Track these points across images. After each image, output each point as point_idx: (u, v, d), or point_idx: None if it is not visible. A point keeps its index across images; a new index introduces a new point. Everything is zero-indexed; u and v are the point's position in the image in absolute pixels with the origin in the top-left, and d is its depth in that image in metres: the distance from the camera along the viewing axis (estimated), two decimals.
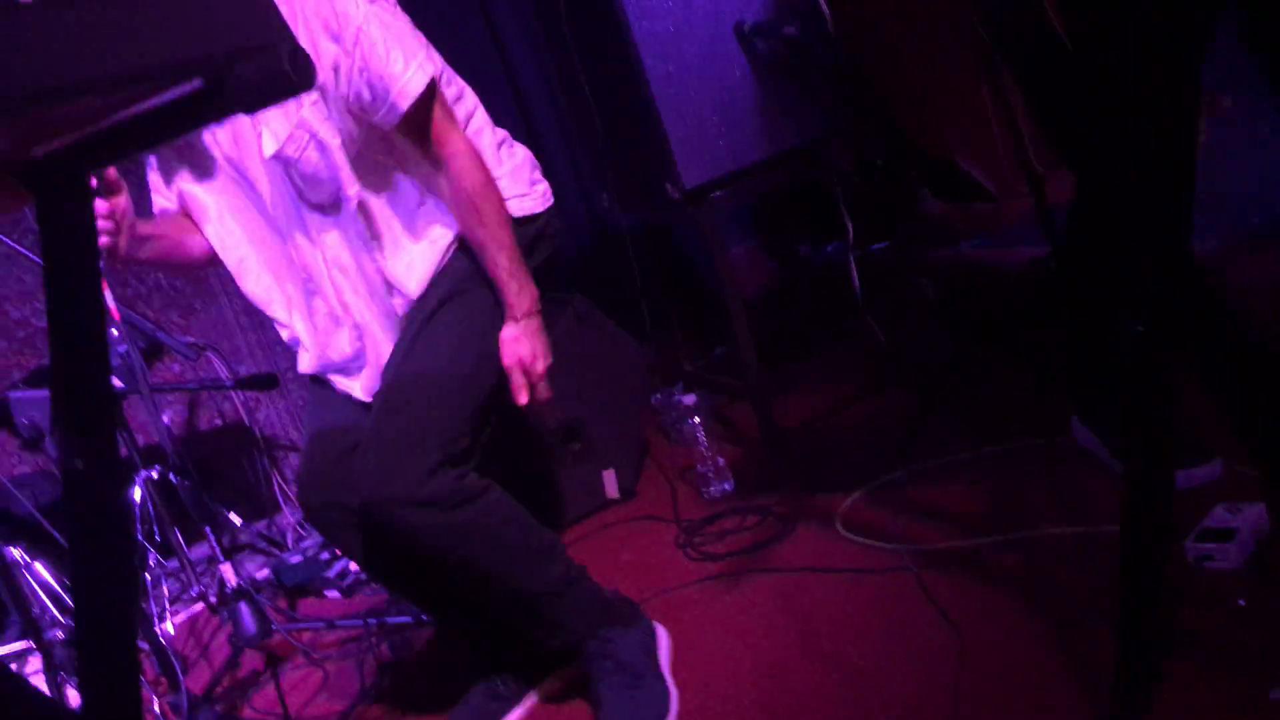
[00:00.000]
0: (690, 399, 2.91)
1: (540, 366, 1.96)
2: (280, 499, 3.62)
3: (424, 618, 2.58)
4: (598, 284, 3.41)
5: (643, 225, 3.28)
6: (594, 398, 2.96)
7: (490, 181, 1.95)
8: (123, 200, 1.83)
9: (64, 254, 1.07)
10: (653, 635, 2.06)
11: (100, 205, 1.79)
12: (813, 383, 3.25)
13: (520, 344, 1.95)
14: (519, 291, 1.96)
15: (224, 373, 3.49)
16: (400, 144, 1.94)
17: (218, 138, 1.96)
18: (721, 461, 2.79)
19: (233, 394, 3.62)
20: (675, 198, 2.71)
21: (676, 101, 2.65)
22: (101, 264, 1.73)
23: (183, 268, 2.24)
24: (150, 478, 2.88)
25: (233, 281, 2.08)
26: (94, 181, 1.72)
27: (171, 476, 2.91)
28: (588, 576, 2.02)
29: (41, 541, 2.67)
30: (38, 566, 2.31)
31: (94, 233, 1.07)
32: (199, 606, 3.15)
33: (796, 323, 3.73)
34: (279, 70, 1.01)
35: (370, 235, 1.97)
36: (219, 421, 3.77)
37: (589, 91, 2.87)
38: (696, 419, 2.85)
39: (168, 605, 3.01)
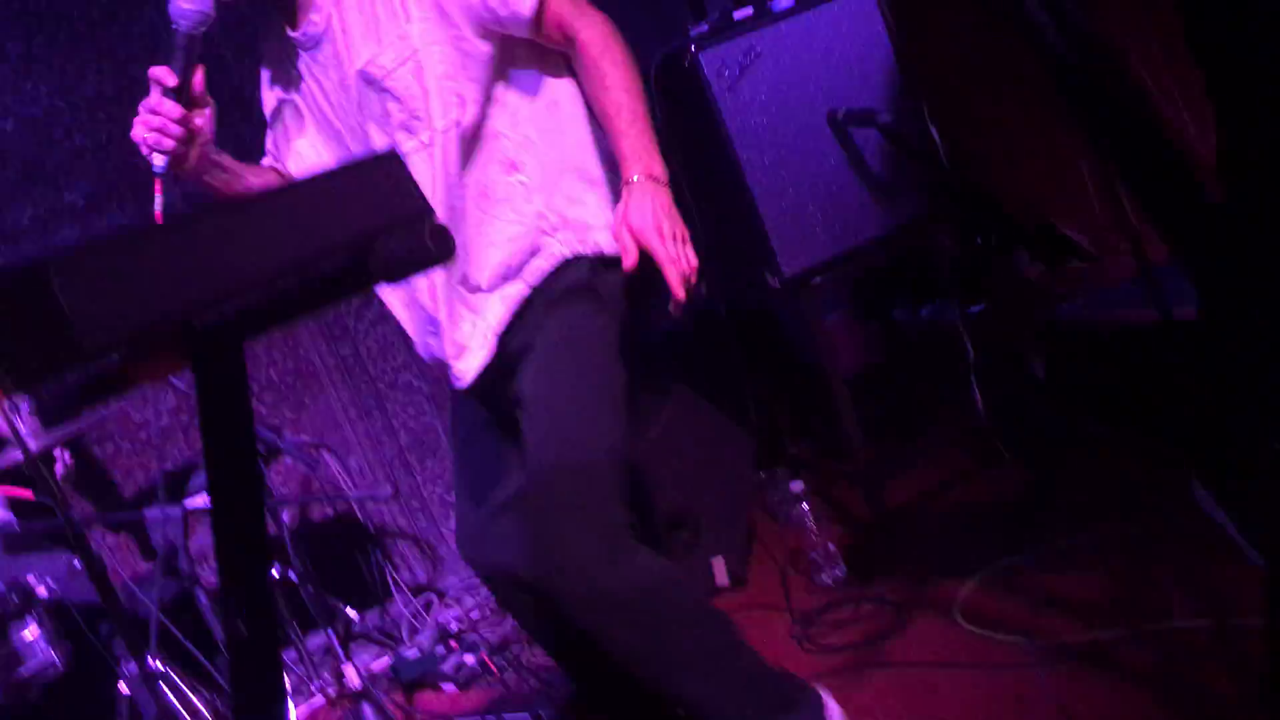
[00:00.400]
0: (797, 484, 2.91)
1: (685, 233, 1.81)
2: (393, 588, 3.68)
3: (542, 713, 2.60)
4: (696, 369, 3.44)
5: (740, 308, 3.31)
6: (700, 485, 2.98)
7: (630, 54, 1.87)
8: (206, 115, 1.77)
9: (220, 419, 1.13)
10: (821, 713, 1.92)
11: (173, 109, 1.70)
12: (920, 459, 3.22)
13: (661, 208, 1.77)
14: (654, 153, 1.82)
15: (336, 467, 3.58)
16: (513, 93, 1.90)
17: (330, 99, 1.94)
18: (831, 547, 2.78)
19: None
20: (775, 286, 2.74)
21: (773, 191, 2.68)
22: (162, 166, 1.69)
23: None
24: (270, 576, 2.96)
25: (339, 371, 2.10)
26: (172, 80, 1.68)
27: (290, 574, 2.98)
28: (754, 653, 1.90)
29: (169, 645, 2.76)
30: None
31: (248, 398, 1.13)
32: (319, 700, 3.21)
33: (899, 397, 3.71)
34: (421, 244, 1.06)
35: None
36: (331, 513, 3.86)
37: (686, 182, 2.91)
38: (805, 505, 2.84)
39: (289, 698, 3.07)
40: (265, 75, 2.03)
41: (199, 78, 1.73)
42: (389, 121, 1.86)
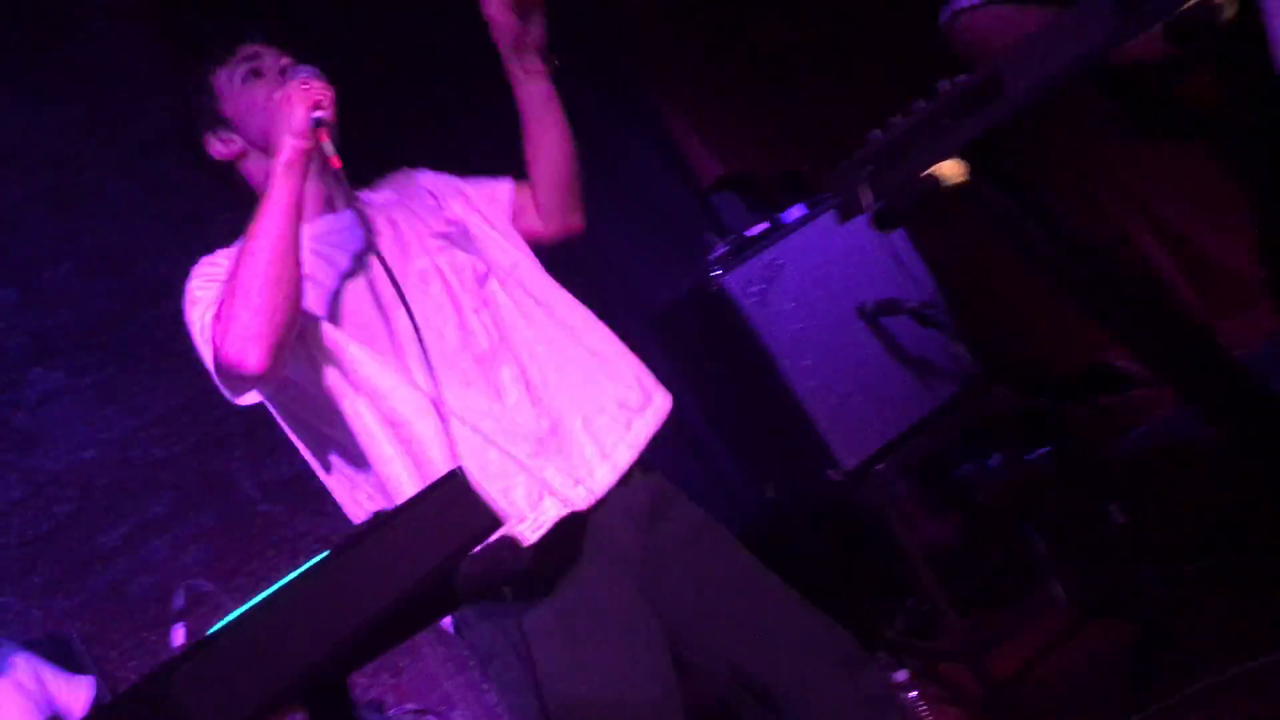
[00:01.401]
0: (901, 674, 2.86)
1: None
2: None
3: None
4: (777, 569, 3.45)
5: (809, 506, 3.33)
6: None
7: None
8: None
9: None
10: None
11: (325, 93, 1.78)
12: (1017, 625, 3.16)
13: None
14: None
15: None
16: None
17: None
18: None
19: None
20: (838, 480, 2.77)
21: (819, 390, 2.75)
22: (328, 114, 1.73)
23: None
24: None
25: (432, 630, 2.05)
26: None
27: None
28: None
29: None
30: None
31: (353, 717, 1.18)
32: None
33: (982, 562, 3.66)
34: (498, 560, 1.13)
35: None
36: None
37: (734, 397, 3.00)
38: (914, 693, 2.79)
39: None
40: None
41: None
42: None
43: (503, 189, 2.12)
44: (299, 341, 1.76)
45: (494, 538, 1.13)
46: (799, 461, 2.92)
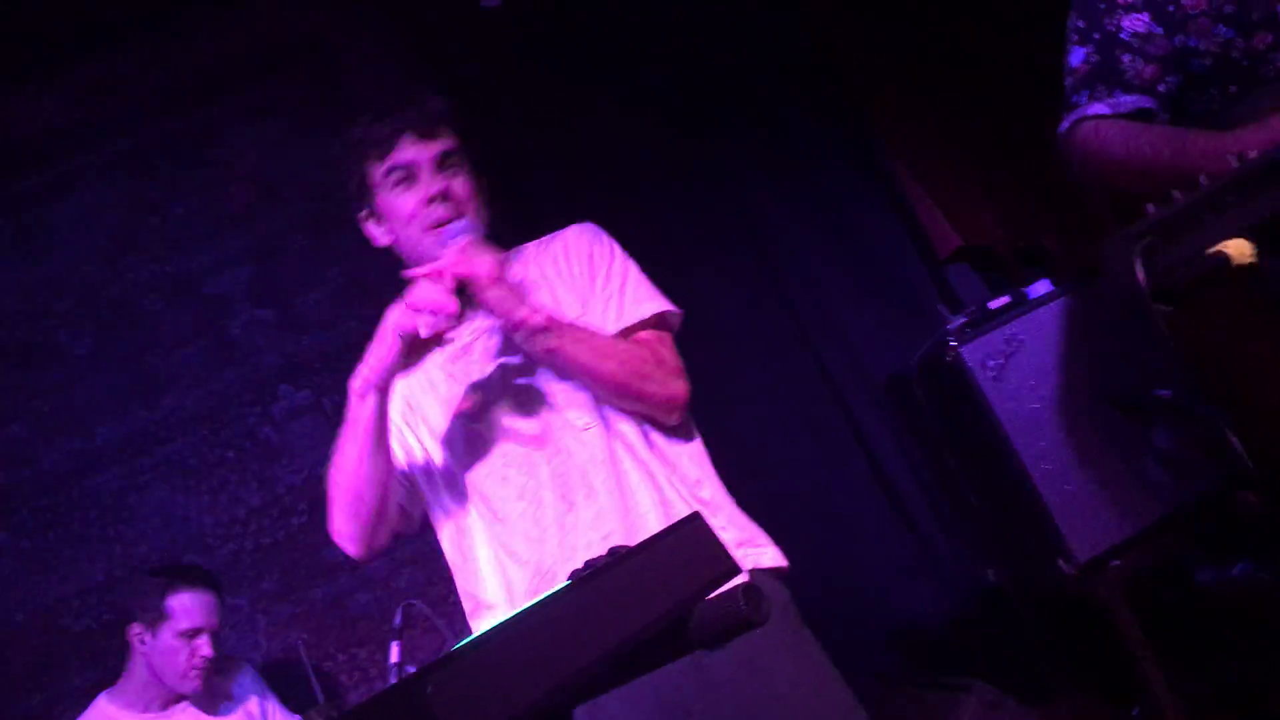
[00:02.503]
0: None
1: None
2: None
3: None
4: (992, 661, 3.30)
5: (1033, 594, 3.18)
6: None
7: None
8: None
9: None
10: None
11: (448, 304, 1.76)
12: None
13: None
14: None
15: None
16: None
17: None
18: None
19: None
20: (1070, 572, 2.63)
21: (1055, 475, 2.62)
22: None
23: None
24: None
25: None
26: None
27: None
28: None
29: None
30: None
31: None
32: None
33: (1222, 668, 3.40)
34: (735, 608, 1.12)
35: None
36: None
37: (963, 474, 2.90)
38: None
39: None
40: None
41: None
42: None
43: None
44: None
45: (731, 584, 1.12)
46: (1027, 547, 2.79)
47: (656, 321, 1.99)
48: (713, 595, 1.13)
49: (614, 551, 1.15)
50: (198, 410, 3.78)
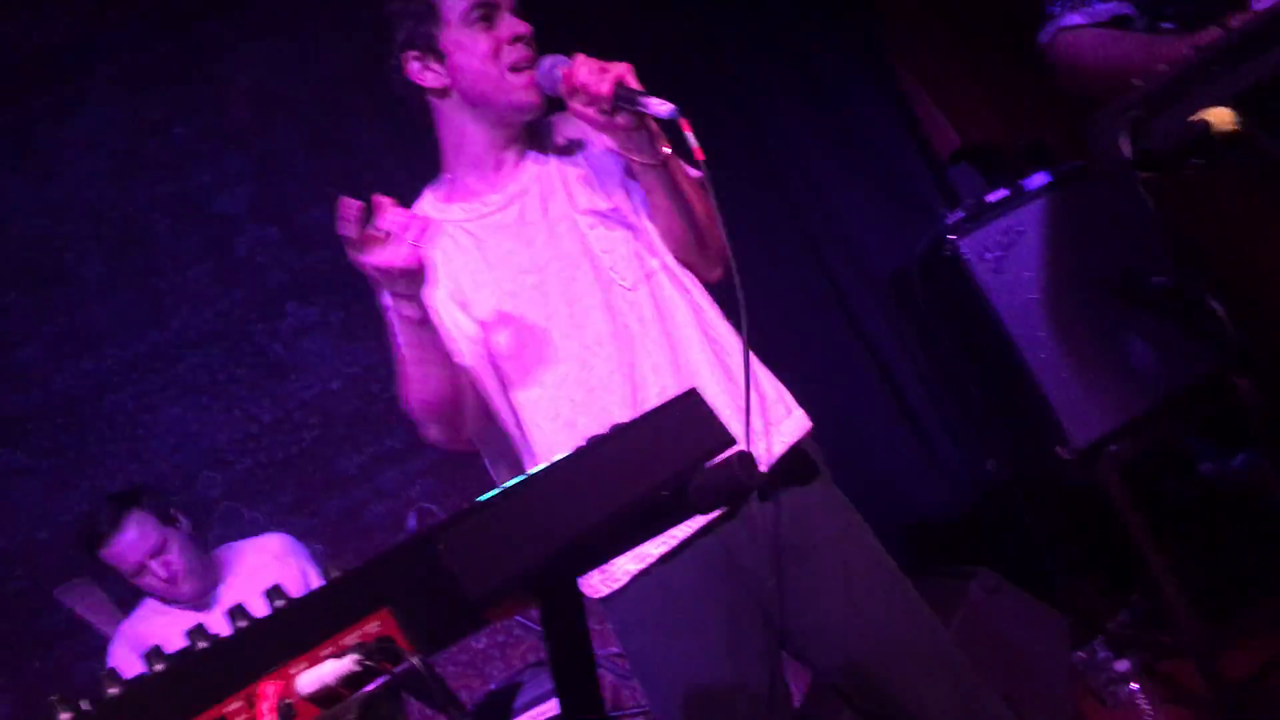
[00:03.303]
0: (1123, 664, 2.76)
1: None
2: None
3: None
4: (993, 548, 3.36)
5: (1033, 481, 3.23)
6: (1014, 671, 2.86)
7: None
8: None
9: (564, 650, 1.24)
10: None
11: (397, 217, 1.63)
12: (1257, 626, 2.98)
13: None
14: None
15: None
16: None
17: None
18: None
19: None
20: (1068, 458, 2.68)
21: (1052, 364, 2.66)
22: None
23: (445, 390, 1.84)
24: None
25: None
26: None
27: None
28: None
29: None
30: None
31: (586, 632, 1.23)
32: None
33: (1222, 559, 3.47)
34: (731, 475, 1.16)
35: None
36: None
37: (962, 365, 2.93)
38: (1134, 685, 2.69)
39: None
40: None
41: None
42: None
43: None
44: None
45: (729, 453, 1.16)
46: (1026, 436, 2.84)
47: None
48: (710, 463, 1.17)
49: (615, 427, 1.19)
50: (207, 329, 3.82)
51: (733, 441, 1.20)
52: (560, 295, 1.88)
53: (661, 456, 1.15)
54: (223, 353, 3.85)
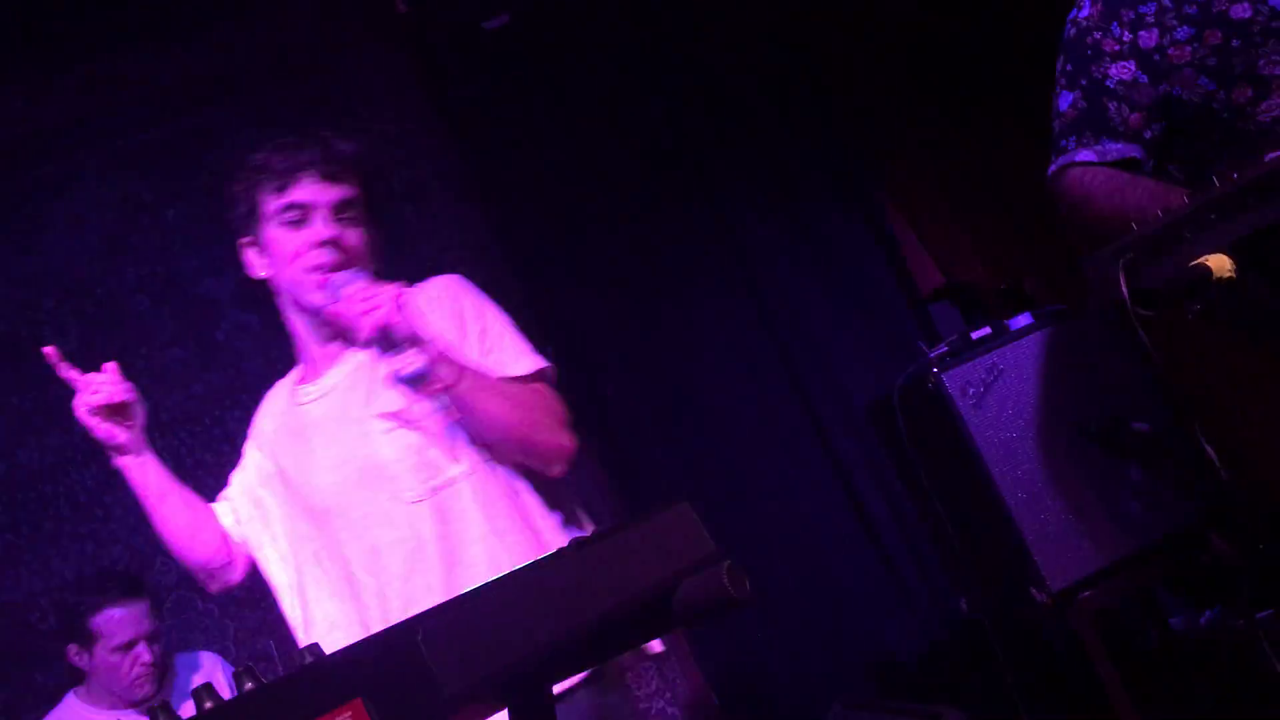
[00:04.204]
0: None
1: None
2: None
3: None
4: (964, 690, 3.31)
5: (1006, 624, 3.19)
6: None
7: None
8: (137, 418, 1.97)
9: None
10: None
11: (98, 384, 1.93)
12: None
13: None
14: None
15: None
16: None
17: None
18: None
19: None
20: (1043, 601, 2.65)
21: (1030, 504, 2.65)
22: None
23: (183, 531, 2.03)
24: None
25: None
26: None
27: None
28: None
29: None
30: None
31: None
32: None
33: (1192, 710, 3.41)
34: (720, 587, 1.13)
35: None
36: None
37: (938, 500, 2.92)
38: None
39: None
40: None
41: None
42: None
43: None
44: None
45: (716, 568, 1.13)
46: (1002, 576, 2.81)
47: (537, 376, 1.92)
48: (696, 576, 1.15)
49: (599, 532, 1.17)
50: (179, 411, 3.76)
51: (722, 557, 1.17)
52: (346, 502, 1.89)
53: (647, 565, 1.12)
54: (192, 436, 3.78)
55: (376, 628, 1.56)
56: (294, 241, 1.90)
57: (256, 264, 1.98)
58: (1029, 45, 2.82)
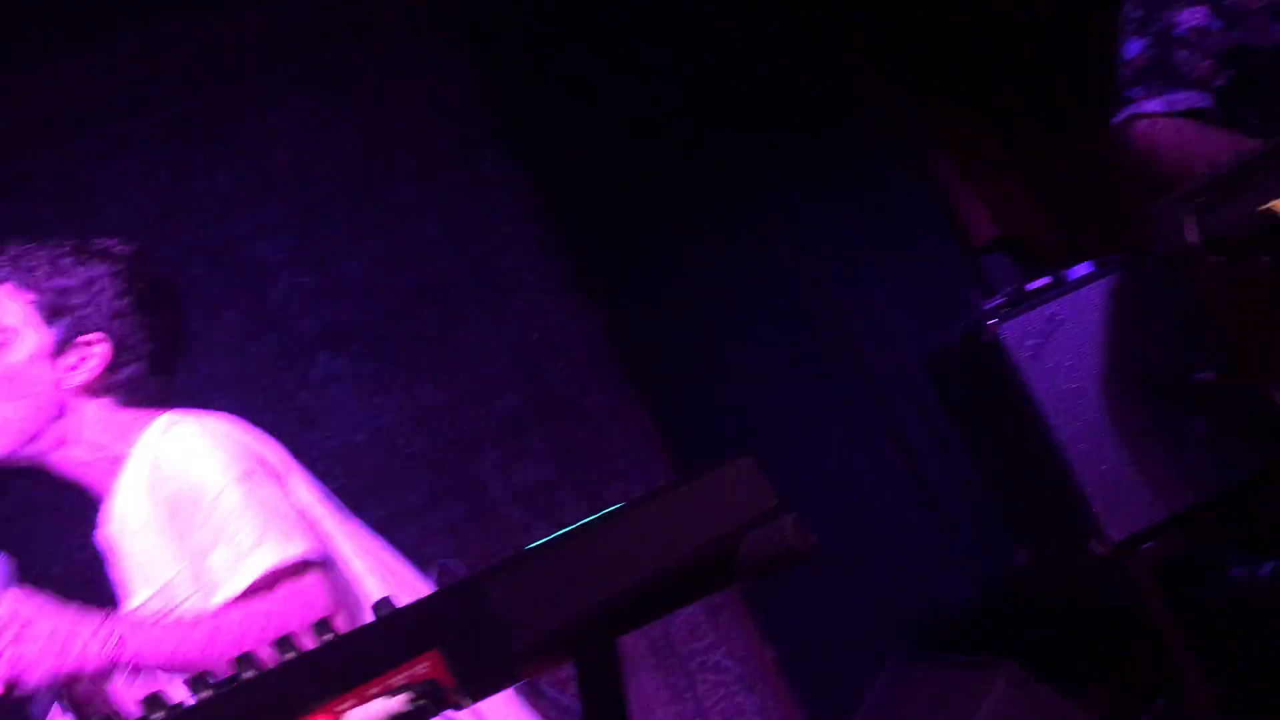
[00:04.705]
0: None
1: None
2: None
3: None
4: (1020, 641, 3.30)
5: (1062, 575, 3.17)
6: None
7: None
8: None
9: (600, 713, 1.20)
10: None
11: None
12: None
13: None
14: None
15: None
16: None
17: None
18: None
19: None
20: (1102, 553, 2.63)
21: (1090, 455, 2.63)
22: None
23: None
24: None
25: (650, 654, 1.96)
26: None
27: None
28: None
29: None
30: None
31: (622, 691, 1.20)
32: None
33: (1253, 663, 3.38)
34: (783, 540, 1.13)
35: None
36: None
37: (995, 454, 2.90)
38: None
39: None
40: None
41: None
42: None
43: None
44: None
45: (779, 521, 1.13)
46: (1060, 528, 2.79)
47: (272, 578, 1.62)
48: (760, 529, 1.15)
49: (663, 484, 1.16)
50: (235, 373, 3.81)
51: (785, 509, 1.17)
52: None
53: (712, 519, 1.12)
54: (248, 398, 3.83)
55: None
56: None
57: None
58: None
